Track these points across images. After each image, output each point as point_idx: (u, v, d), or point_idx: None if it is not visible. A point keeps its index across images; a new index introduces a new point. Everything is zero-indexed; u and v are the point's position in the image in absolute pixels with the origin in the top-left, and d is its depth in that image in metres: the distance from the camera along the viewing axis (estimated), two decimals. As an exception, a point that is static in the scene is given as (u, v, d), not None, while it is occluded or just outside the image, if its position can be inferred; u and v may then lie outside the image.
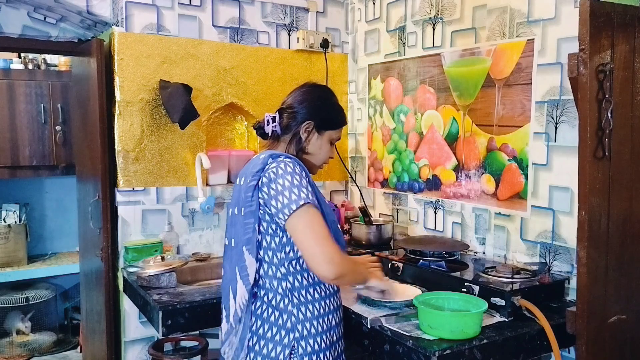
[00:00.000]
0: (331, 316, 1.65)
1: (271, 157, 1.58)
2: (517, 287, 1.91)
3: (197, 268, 2.69)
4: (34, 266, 3.98)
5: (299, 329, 1.59)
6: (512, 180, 2.31)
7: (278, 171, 1.53)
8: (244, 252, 1.59)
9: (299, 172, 1.54)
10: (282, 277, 1.59)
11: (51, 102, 3.97)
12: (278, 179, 1.51)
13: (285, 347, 1.57)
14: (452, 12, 2.57)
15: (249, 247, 1.58)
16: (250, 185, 1.56)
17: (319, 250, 1.46)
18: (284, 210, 1.49)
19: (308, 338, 1.59)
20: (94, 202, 2.71)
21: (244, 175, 1.62)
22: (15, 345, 3.94)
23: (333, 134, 1.72)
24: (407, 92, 2.85)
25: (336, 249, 1.48)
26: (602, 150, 1.66)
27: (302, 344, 1.58)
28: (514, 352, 1.78)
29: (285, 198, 1.49)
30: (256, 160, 1.61)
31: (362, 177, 3.22)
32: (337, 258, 1.47)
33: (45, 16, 2.76)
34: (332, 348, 1.65)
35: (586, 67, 1.62)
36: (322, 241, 1.47)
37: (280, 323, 1.59)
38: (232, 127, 3.08)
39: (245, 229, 1.58)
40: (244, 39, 2.94)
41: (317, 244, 1.46)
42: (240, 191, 1.61)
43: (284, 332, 1.58)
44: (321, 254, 1.46)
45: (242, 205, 1.59)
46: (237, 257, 1.61)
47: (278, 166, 1.53)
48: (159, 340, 2.64)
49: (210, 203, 2.79)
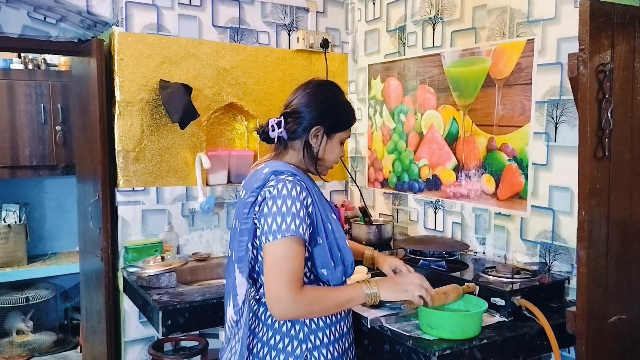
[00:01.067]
0: (343, 323, 1.63)
1: (274, 174, 1.53)
2: (517, 287, 1.91)
3: (197, 268, 2.69)
4: (34, 266, 3.98)
5: (311, 339, 1.55)
6: (512, 180, 2.31)
7: (274, 192, 1.48)
8: (235, 269, 1.56)
9: (296, 196, 1.47)
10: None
11: (51, 102, 3.98)
12: (275, 199, 1.46)
13: (298, 357, 1.54)
14: (452, 12, 2.58)
15: (240, 266, 1.55)
16: (248, 202, 1.53)
17: (271, 287, 1.43)
18: (269, 235, 1.45)
19: (321, 348, 1.56)
20: (94, 202, 2.71)
21: (245, 189, 1.59)
22: (15, 345, 3.94)
23: (343, 134, 1.66)
24: (407, 92, 2.85)
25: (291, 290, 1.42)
26: (602, 150, 1.66)
27: (314, 354, 1.55)
28: (514, 352, 1.78)
29: (275, 223, 1.44)
30: (259, 175, 1.55)
31: (362, 177, 3.22)
32: (286, 298, 1.41)
33: (45, 16, 2.76)
34: (345, 355, 1.63)
35: (586, 67, 1.62)
36: (280, 279, 1.42)
37: (293, 334, 1.55)
38: (232, 127, 3.08)
39: (239, 247, 1.55)
40: (244, 39, 2.94)
41: (273, 282, 1.43)
42: (240, 205, 1.58)
43: (296, 343, 1.55)
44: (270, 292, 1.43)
45: (239, 220, 1.56)
46: (231, 273, 1.60)
47: (276, 186, 1.48)
48: (159, 340, 2.64)
49: (210, 203, 2.79)
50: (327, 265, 1.55)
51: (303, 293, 1.44)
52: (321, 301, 1.49)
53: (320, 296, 1.50)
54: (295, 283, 1.43)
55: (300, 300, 1.44)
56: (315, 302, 1.48)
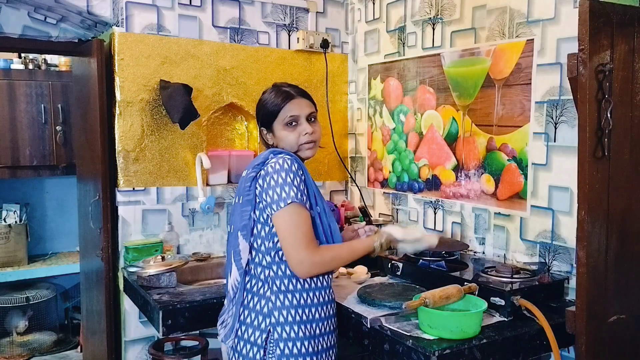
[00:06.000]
0: (314, 309, 1.73)
1: (272, 153, 1.73)
2: (517, 287, 1.91)
3: (197, 268, 2.69)
4: (34, 266, 3.98)
5: (275, 315, 1.69)
6: (511, 180, 2.31)
7: (275, 166, 1.66)
8: (238, 236, 1.73)
9: (294, 170, 1.66)
10: (266, 265, 1.72)
11: (51, 102, 3.98)
12: (274, 173, 1.65)
13: (262, 331, 1.69)
14: (451, 13, 2.58)
15: (244, 233, 1.72)
16: (251, 176, 1.71)
17: (292, 252, 1.64)
18: (273, 205, 1.64)
19: (284, 325, 1.69)
20: (94, 202, 2.71)
21: (248, 168, 1.77)
22: (15, 345, 3.94)
23: (280, 119, 1.77)
24: (407, 92, 2.86)
25: (308, 252, 1.63)
26: (602, 150, 1.66)
27: (277, 330, 1.68)
28: (514, 352, 1.78)
29: (275, 194, 1.63)
30: (260, 155, 1.77)
31: (362, 177, 3.22)
32: (308, 262, 1.63)
33: (45, 16, 2.77)
34: (314, 340, 1.71)
35: (586, 67, 1.62)
36: (297, 243, 1.63)
37: (258, 308, 1.71)
38: (232, 127, 3.09)
39: (242, 216, 1.72)
40: (244, 39, 2.94)
41: (292, 246, 1.64)
42: (242, 181, 1.76)
43: (261, 318, 1.70)
44: (292, 256, 1.64)
45: (241, 194, 1.74)
46: (233, 242, 1.77)
47: (277, 162, 1.67)
48: (159, 340, 2.64)
49: (211, 203, 2.79)
50: (318, 237, 1.72)
51: (320, 253, 1.67)
52: (337, 257, 1.72)
53: (335, 253, 1.72)
54: (310, 244, 1.65)
55: (319, 260, 1.66)
56: (332, 259, 1.70)
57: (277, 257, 1.71)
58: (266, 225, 1.70)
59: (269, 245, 1.70)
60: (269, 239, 1.70)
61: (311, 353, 1.70)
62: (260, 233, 1.72)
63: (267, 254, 1.71)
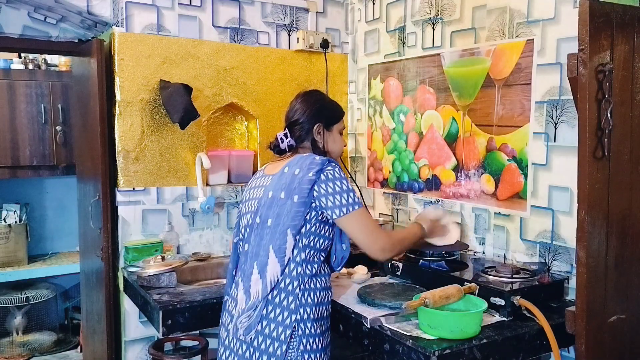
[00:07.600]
0: (324, 307, 1.82)
1: (328, 161, 1.81)
2: (517, 287, 1.91)
3: (197, 268, 2.70)
4: (34, 266, 3.98)
5: (300, 312, 1.74)
6: (511, 180, 2.31)
7: (335, 174, 1.78)
8: (287, 234, 1.76)
9: (346, 178, 1.81)
10: (299, 262, 1.77)
11: (51, 102, 3.98)
12: (336, 181, 1.77)
13: (287, 327, 1.72)
14: (451, 13, 2.58)
15: (294, 232, 1.76)
16: (311, 179, 1.76)
17: (373, 244, 1.80)
18: (342, 209, 1.75)
19: (307, 322, 1.75)
20: (94, 202, 2.71)
21: (297, 167, 1.80)
22: (15, 345, 3.95)
23: (339, 125, 1.99)
24: (407, 92, 2.86)
25: (385, 239, 1.82)
26: (602, 150, 1.66)
27: (301, 326, 1.74)
28: (514, 352, 1.78)
29: (343, 199, 1.76)
30: (310, 159, 1.81)
31: (362, 177, 3.22)
32: (388, 246, 1.82)
33: (45, 16, 2.77)
34: (323, 336, 1.80)
35: (585, 67, 1.62)
36: (375, 236, 1.80)
37: (285, 304, 1.74)
38: (232, 127, 3.09)
39: (296, 215, 1.76)
40: (244, 39, 2.94)
41: (372, 241, 1.80)
42: (294, 180, 1.78)
43: (286, 313, 1.74)
44: (376, 249, 1.80)
45: (296, 194, 1.77)
46: (273, 236, 1.78)
47: (334, 170, 1.79)
48: (159, 339, 2.64)
49: (211, 203, 2.79)
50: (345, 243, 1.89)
51: (393, 237, 1.88)
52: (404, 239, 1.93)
53: (401, 236, 1.95)
54: (383, 232, 1.86)
55: (394, 243, 1.85)
56: (401, 240, 1.91)
57: (311, 255, 1.79)
58: (313, 225, 1.78)
59: (305, 243, 1.78)
60: (307, 237, 1.78)
61: (321, 349, 1.78)
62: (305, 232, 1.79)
63: (303, 251, 1.78)
